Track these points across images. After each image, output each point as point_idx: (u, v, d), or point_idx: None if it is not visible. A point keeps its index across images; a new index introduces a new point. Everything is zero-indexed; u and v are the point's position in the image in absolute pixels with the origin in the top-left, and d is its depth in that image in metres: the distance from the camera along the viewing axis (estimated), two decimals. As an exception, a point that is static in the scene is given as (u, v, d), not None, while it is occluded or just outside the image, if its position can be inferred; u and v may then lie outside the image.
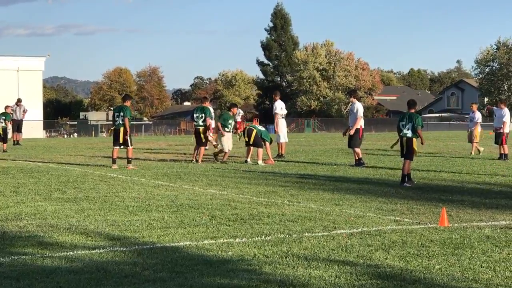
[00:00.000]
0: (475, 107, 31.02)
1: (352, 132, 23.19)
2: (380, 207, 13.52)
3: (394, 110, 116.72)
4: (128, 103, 22.72)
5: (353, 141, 23.28)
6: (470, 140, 29.74)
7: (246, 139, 24.01)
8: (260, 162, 23.04)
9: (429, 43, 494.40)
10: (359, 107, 23.51)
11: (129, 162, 21.99)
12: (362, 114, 23.46)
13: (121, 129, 21.95)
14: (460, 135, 50.76)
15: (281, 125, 26.95)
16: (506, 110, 27.62)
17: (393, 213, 12.75)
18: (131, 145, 22.13)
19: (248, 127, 24.77)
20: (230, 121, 24.53)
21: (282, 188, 16.57)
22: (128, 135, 21.96)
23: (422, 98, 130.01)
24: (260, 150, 23.66)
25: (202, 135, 24.13)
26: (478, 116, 30.00)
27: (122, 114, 21.95)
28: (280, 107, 26.96)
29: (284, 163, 24.18)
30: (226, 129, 24.24)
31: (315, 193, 15.71)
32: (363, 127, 23.57)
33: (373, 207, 13.57)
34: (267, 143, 23.92)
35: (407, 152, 17.76)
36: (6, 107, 35.06)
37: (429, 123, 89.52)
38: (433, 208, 13.31)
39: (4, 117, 32.59)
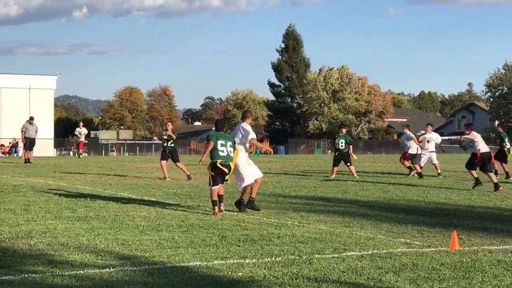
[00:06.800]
0: None
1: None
2: (390, 230, 13.48)
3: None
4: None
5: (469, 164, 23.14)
6: None
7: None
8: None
9: (440, 66, 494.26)
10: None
11: None
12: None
13: None
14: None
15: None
16: None
17: (404, 236, 12.71)
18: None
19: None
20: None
21: (292, 209, 16.55)
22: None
23: (432, 121, 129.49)
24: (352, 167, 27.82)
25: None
26: None
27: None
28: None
29: (294, 183, 24.13)
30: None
31: (325, 214, 15.68)
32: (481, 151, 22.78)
33: (384, 229, 13.54)
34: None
35: None
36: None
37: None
38: (444, 231, 13.26)
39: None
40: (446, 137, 28.72)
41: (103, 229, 12.97)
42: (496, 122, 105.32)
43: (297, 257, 10.37)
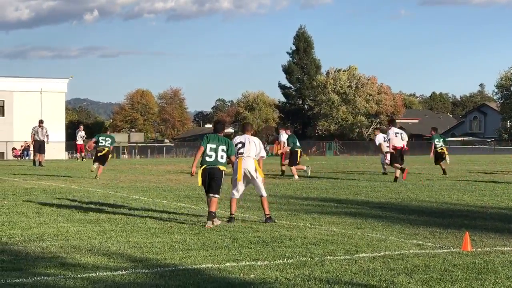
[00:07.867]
0: None
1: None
2: (402, 231, 13.45)
3: (416, 134, 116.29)
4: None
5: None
6: None
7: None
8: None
9: (452, 67, 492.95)
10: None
11: None
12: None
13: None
14: (482, 159, 50.43)
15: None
16: None
17: (416, 237, 12.68)
18: None
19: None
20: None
21: (304, 211, 16.53)
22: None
23: (444, 122, 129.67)
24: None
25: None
26: None
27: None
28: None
29: (306, 185, 24.13)
30: None
31: (337, 216, 15.67)
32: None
33: (395, 230, 13.51)
34: None
35: None
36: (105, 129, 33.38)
37: (451, 146, 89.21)
38: (456, 233, 13.22)
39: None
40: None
41: (115, 231, 12.99)
42: (508, 123, 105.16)
43: (309, 259, 10.36)
